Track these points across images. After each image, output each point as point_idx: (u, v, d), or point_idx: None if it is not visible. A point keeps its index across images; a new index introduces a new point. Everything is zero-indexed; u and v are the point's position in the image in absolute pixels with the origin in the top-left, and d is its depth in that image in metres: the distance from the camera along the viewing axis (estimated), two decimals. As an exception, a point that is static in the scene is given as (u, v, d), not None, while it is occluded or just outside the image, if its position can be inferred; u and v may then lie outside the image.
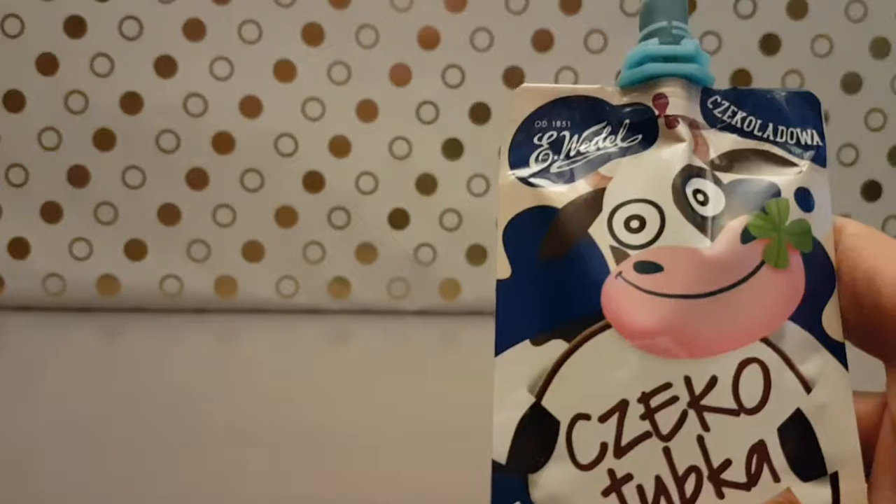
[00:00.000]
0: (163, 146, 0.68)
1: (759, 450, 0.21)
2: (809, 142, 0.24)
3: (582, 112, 0.24)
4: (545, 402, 0.22)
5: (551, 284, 0.22)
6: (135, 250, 0.70)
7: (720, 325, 0.21)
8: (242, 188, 0.69)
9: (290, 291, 0.70)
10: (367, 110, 0.69)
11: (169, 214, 0.69)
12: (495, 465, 0.22)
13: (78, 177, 0.69)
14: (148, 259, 0.70)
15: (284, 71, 0.68)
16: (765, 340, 0.22)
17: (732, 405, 0.21)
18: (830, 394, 0.21)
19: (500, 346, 0.23)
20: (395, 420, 0.51)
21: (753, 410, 0.21)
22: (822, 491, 0.21)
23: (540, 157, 0.24)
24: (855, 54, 0.70)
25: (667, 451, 0.21)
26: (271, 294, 0.70)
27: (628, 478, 0.21)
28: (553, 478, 0.21)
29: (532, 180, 0.23)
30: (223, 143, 0.69)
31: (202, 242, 0.70)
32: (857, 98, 0.70)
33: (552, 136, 0.24)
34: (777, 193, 0.23)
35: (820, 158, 0.24)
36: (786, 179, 0.23)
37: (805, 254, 0.22)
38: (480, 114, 0.69)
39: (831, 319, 0.22)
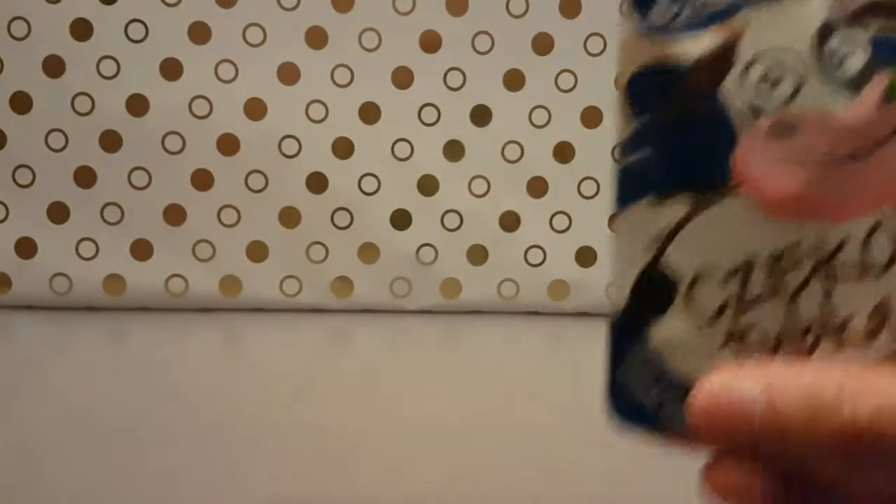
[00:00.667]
0: (168, 148, 0.69)
1: (880, 310, 0.21)
2: None
3: None
4: (663, 262, 0.21)
5: (678, 142, 0.21)
6: (141, 250, 0.70)
7: (854, 190, 0.21)
8: (247, 189, 0.70)
9: (294, 291, 0.71)
10: (369, 112, 0.69)
11: (174, 215, 0.70)
12: (612, 321, 0.22)
13: (84, 178, 0.69)
14: (153, 259, 0.70)
15: (288, 74, 0.69)
16: None
17: (859, 268, 0.21)
18: None
19: (623, 200, 0.22)
20: (396, 418, 0.52)
21: (879, 273, 0.21)
22: None
23: (664, 8, 0.22)
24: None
25: (790, 311, 0.21)
26: (275, 293, 0.71)
27: (746, 332, 0.21)
28: (670, 331, 0.21)
29: (656, 33, 0.22)
30: (228, 144, 0.69)
31: (207, 242, 0.70)
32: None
33: None
34: None
35: None
36: None
37: None
38: (481, 116, 0.70)
39: None
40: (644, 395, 0.22)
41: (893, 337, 0.21)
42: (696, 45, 0.21)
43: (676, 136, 0.21)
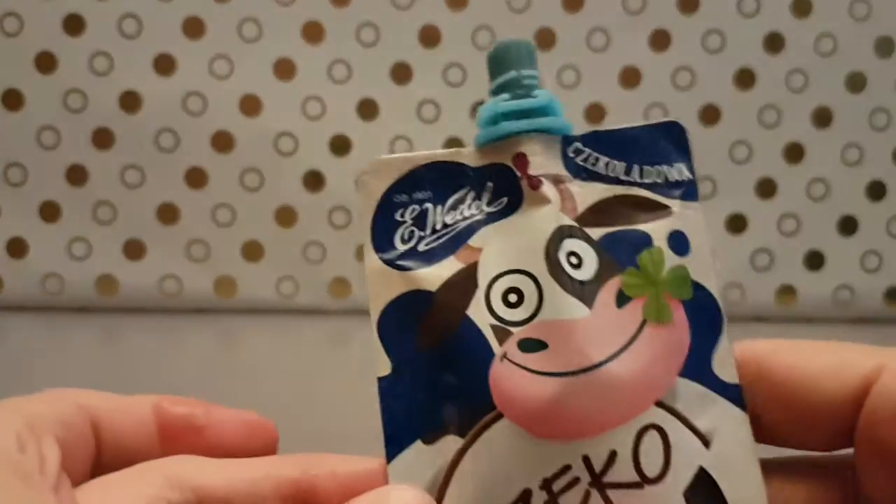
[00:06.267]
0: (162, 145, 0.68)
1: None
2: (678, 178, 0.23)
3: (442, 179, 0.22)
4: None
5: (436, 376, 0.21)
6: (134, 250, 0.69)
7: (612, 398, 0.20)
8: (242, 187, 0.69)
9: (290, 291, 0.70)
10: (367, 109, 0.69)
11: (168, 214, 0.69)
12: None
13: (76, 176, 0.68)
14: (147, 259, 0.69)
15: (284, 69, 0.68)
16: (659, 403, 0.21)
17: (635, 478, 0.20)
18: (730, 442, 0.21)
19: (392, 452, 0.21)
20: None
21: (657, 480, 0.20)
22: None
23: (405, 236, 0.22)
24: (859, 53, 0.69)
25: None
26: (271, 294, 0.70)
27: None
28: None
29: (400, 262, 0.22)
30: (223, 141, 0.68)
31: (201, 242, 0.69)
32: (861, 97, 0.70)
33: (414, 210, 0.22)
34: (649, 243, 0.22)
35: (691, 194, 0.23)
36: (657, 226, 0.22)
37: (686, 301, 0.22)
38: (482, 113, 0.69)
39: (723, 361, 0.21)
40: None
41: None
42: (440, 272, 0.22)
43: (435, 366, 0.21)
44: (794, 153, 0.70)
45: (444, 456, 0.21)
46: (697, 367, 0.21)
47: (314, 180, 0.69)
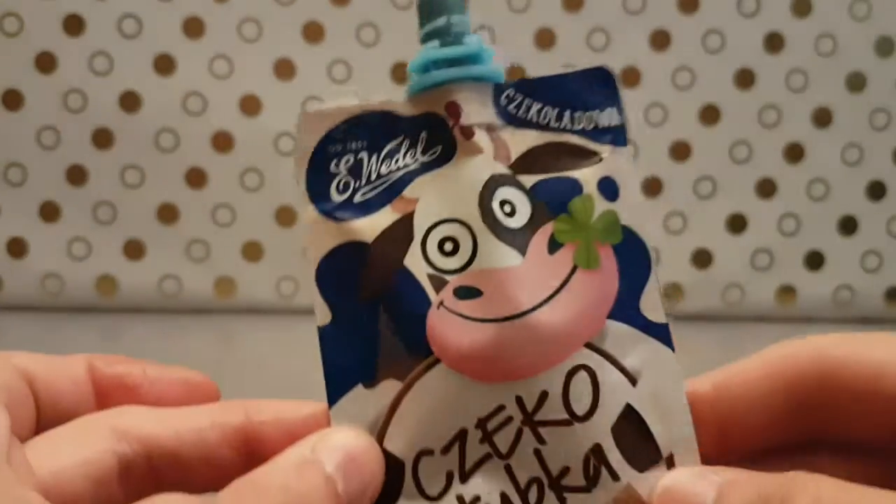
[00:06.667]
0: (162, 145, 0.68)
1: (595, 453, 0.21)
2: (608, 123, 0.23)
3: (376, 129, 0.23)
4: (387, 445, 0.22)
5: (376, 324, 0.22)
6: (133, 250, 0.69)
7: (542, 342, 0.21)
8: (242, 187, 0.69)
9: (290, 292, 0.70)
10: (367, 109, 0.68)
11: (168, 214, 0.69)
12: None
13: (76, 176, 0.68)
14: (147, 259, 0.69)
15: (284, 69, 0.68)
16: (588, 345, 0.22)
17: (564, 416, 0.21)
18: (657, 379, 0.22)
19: (333, 396, 0.22)
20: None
21: (585, 417, 0.22)
22: (661, 475, 0.22)
23: (341, 187, 0.23)
24: (859, 53, 0.69)
25: (508, 468, 0.22)
26: (271, 294, 0.70)
27: (476, 500, 0.21)
28: None
29: (336, 213, 0.23)
30: (223, 141, 0.68)
31: (201, 242, 0.69)
32: (861, 97, 0.70)
33: (349, 160, 0.23)
34: (579, 189, 0.23)
35: (620, 139, 0.23)
36: (587, 172, 0.23)
37: (616, 245, 0.22)
38: (482, 113, 0.69)
39: (651, 302, 0.22)
40: None
41: (613, 476, 0.21)
42: (376, 223, 0.22)
43: (372, 316, 0.22)
44: (794, 153, 0.70)
45: (384, 399, 0.22)
46: (625, 308, 0.22)
47: (314, 180, 0.69)
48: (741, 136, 0.70)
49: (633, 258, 0.23)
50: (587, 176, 0.23)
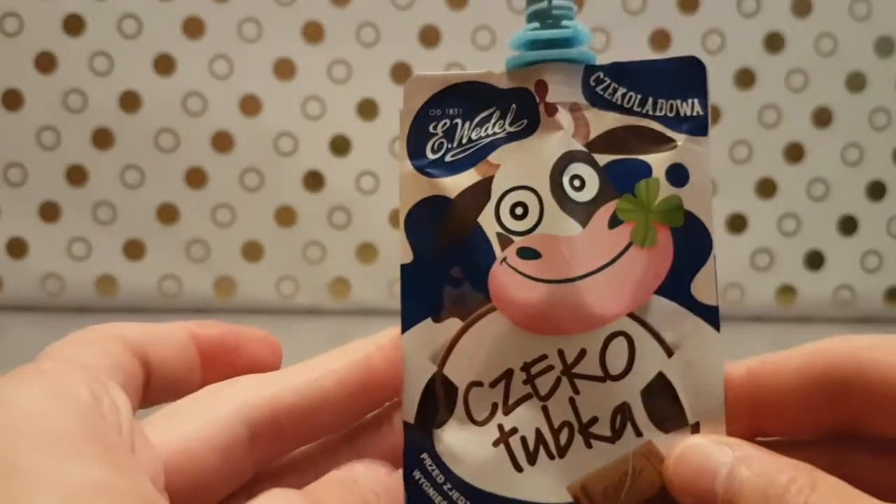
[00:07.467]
0: (162, 145, 0.68)
1: (622, 410, 0.24)
2: (689, 112, 0.25)
3: (473, 98, 0.25)
4: (446, 371, 0.24)
5: (448, 269, 0.25)
6: (133, 250, 0.69)
7: (590, 305, 0.24)
8: (242, 188, 0.69)
9: (290, 292, 0.70)
10: (367, 109, 0.69)
11: (168, 214, 0.69)
12: (406, 425, 0.24)
13: (76, 176, 0.68)
14: (147, 259, 0.69)
15: (284, 69, 0.68)
16: (631, 315, 0.24)
17: (599, 373, 0.24)
18: (695, 354, 0.24)
19: (407, 324, 0.25)
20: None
21: (618, 377, 0.24)
22: (684, 439, 0.24)
23: (435, 147, 0.25)
24: (859, 53, 0.69)
25: (545, 409, 0.24)
26: (271, 294, 0.70)
27: (514, 431, 0.24)
28: (453, 433, 0.24)
29: (428, 170, 0.25)
30: (222, 142, 0.68)
31: (201, 242, 0.69)
32: (861, 97, 0.70)
33: (446, 124, 0.25)
34: (648, 172, 0.24)
35: (699, 129, 0.25)
36: (659, 157, 0.24)
37: (675, 228, 0.24)
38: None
39: (704, 285, 0.24)
40: (437, 495, 0.24)
41: (637, 433, 0.24)
42: (460, 182, 0.25)
43: (447, 262, 0.25)
44: (794, 153, 0.70)
45: (447, 333, 0.25)
46: (676, 287, 0.24)
47: (314, 180, 0.69)
48: (741, 136, 0.70)
49: (693, 242, 0.24)
50: (659, 161, 0.24)
